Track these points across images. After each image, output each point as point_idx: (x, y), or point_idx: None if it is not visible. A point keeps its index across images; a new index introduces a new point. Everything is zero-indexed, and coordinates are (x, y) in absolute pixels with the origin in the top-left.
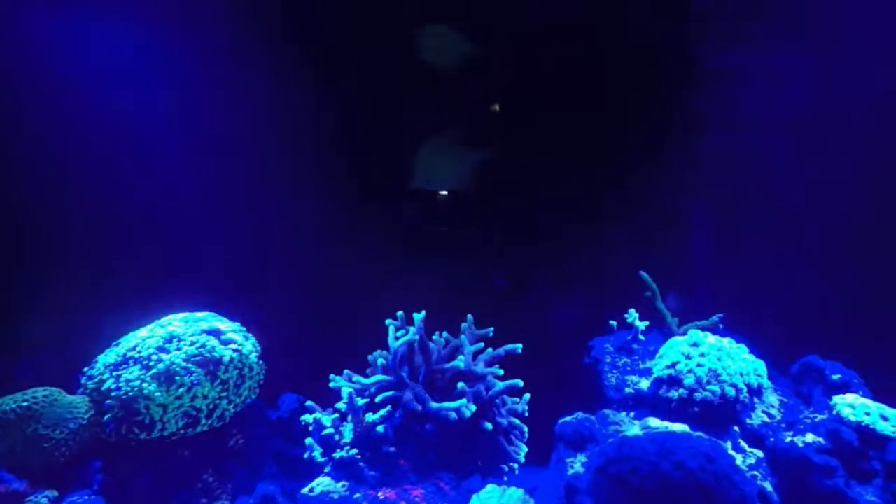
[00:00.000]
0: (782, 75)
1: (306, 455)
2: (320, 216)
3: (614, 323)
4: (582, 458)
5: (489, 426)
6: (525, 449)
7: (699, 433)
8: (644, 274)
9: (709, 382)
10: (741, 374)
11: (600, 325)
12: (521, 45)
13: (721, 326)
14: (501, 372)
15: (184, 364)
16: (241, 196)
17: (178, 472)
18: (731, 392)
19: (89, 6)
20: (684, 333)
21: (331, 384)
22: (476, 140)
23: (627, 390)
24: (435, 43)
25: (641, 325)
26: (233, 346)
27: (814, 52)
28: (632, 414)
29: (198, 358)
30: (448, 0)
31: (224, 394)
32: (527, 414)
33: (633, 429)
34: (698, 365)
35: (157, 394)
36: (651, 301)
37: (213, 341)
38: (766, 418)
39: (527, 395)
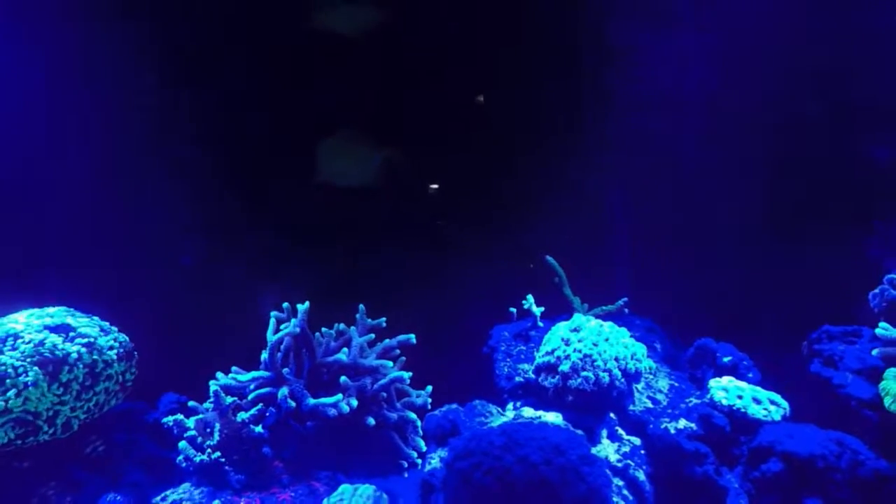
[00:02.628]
0: (690, 56)
1: (178, 459)
2: (210, 210)
3: (514, 310)
4: (442, 452)
5: (372, 421)
6: (422, 444)
7: (560, 423)
8: (550, 259)
9: (583, 369)
10: (617, 360)
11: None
12: (429, 25)
13: (626, 311)
14: (391, 364)
15: (17, 364)
16: (118, 189)
17: (13, 487)
18: (605, 378)
19: None
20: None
21: (211, 382)
22: (383, 126)
23: (518, 379)
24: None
25: (538, 311)
26: (83, 342)
27: (719, 33)
28: (518, 403)
29: (35, 358)
30: None
31: (68, 396)
32: (429, 406)
33: (500, 419)
34: (575, 350)
35: None
36: (559, 286)
37: (55, 338)
38: (650, 404)
39: (429, 388)
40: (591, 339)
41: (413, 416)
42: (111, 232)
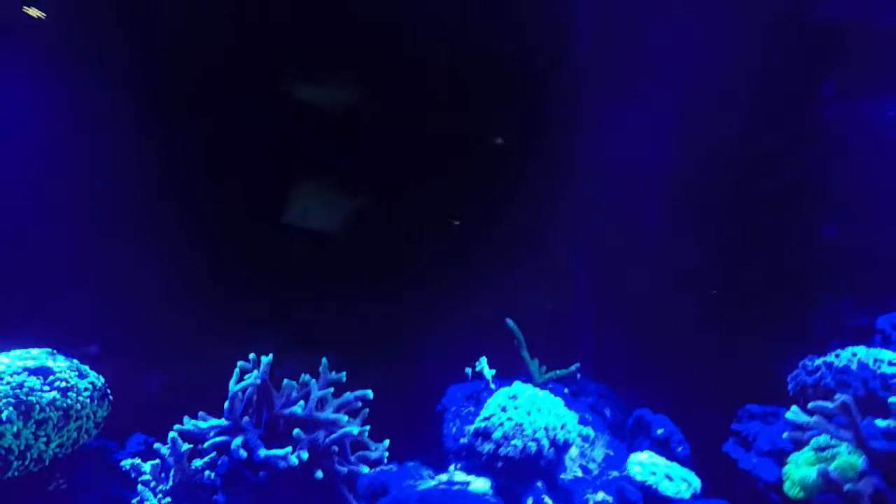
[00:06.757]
0: (650, 131)
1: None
2: (187, 258)
3: (469, 370)
4: None
5: (319, 474)
6: None
7: (486, 489)
8: (510, 322)
9: (514, 437)
10: (546, 429)
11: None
12: (409, 94)
13: (579, 376)
14: (345, 418)
15: None
16: (98, 229)
17: None
18: (533, 447)
19: None
20: (545, 383)
21: (175, 426)
22: (357, 179)
23: (462, 440)
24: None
25: (489, 373)
26: (59, 385)
27: (679, 111)
28: (459, 465)
29: (11, 399)
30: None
31: (41, 433)
32: (385, 460)
33: (428, 483)
34: (508, 419)
35: None
36: (517, 348)
37: (32, 380)
38: (580, 473)
39: (386, 442)
40: (526, 408)
41: (366, 469)
42: (99, 271)
